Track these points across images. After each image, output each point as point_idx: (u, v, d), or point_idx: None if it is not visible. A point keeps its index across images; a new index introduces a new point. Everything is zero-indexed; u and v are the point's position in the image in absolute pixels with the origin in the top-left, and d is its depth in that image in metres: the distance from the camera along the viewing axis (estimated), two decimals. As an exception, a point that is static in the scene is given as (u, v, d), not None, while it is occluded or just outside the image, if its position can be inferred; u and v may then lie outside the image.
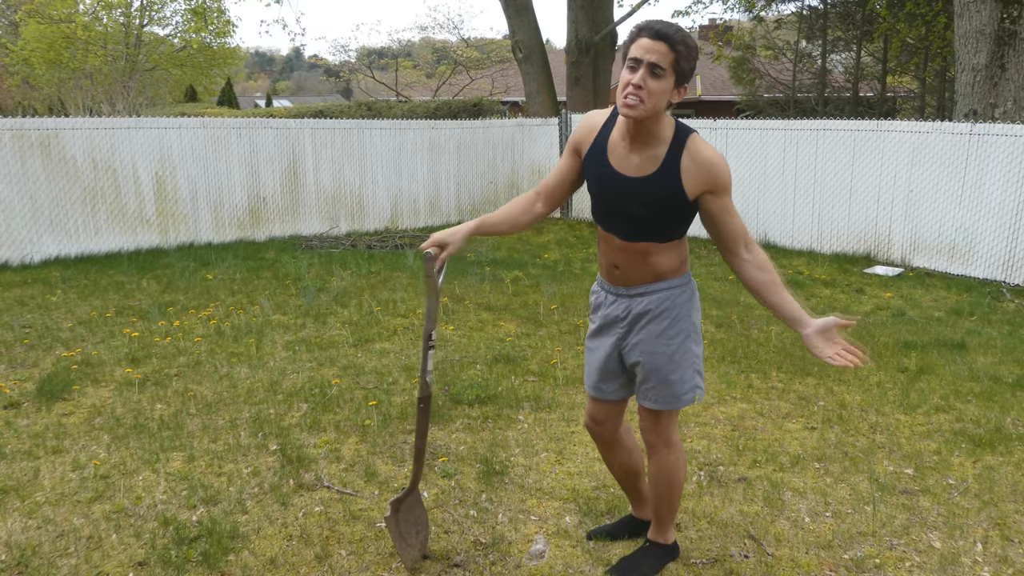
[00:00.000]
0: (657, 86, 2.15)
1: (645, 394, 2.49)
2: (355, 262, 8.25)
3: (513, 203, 2.57)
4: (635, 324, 2.44)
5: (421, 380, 2.54)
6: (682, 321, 2.43)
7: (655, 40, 2.13)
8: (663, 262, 2.38)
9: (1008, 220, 7.56)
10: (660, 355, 2.43)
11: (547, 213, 2.59)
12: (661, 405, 2.47)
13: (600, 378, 2.58)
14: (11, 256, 8.07)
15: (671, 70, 2.14)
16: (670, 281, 2.41)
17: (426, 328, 2.49)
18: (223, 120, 9.68)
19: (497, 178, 11.76)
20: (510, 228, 2.54)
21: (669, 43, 2.12)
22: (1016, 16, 8.17)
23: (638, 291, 2.42)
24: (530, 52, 13.54)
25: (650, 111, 2.18)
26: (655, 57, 2.12)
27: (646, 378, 2.46)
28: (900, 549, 2.85)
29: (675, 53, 2.13)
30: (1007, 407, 4.24)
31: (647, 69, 2.14)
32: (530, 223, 2.58)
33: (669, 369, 2.43)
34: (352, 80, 33.04)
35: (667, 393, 2.46)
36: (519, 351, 5.13)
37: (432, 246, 2.39)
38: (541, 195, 2.56)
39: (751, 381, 4.64)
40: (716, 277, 7.87)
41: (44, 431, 3.85)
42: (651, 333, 2.42)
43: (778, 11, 20.37)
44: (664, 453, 2.54)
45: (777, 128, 9.43)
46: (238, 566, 2.71)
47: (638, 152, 2.28)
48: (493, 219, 2.52)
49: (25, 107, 25.49)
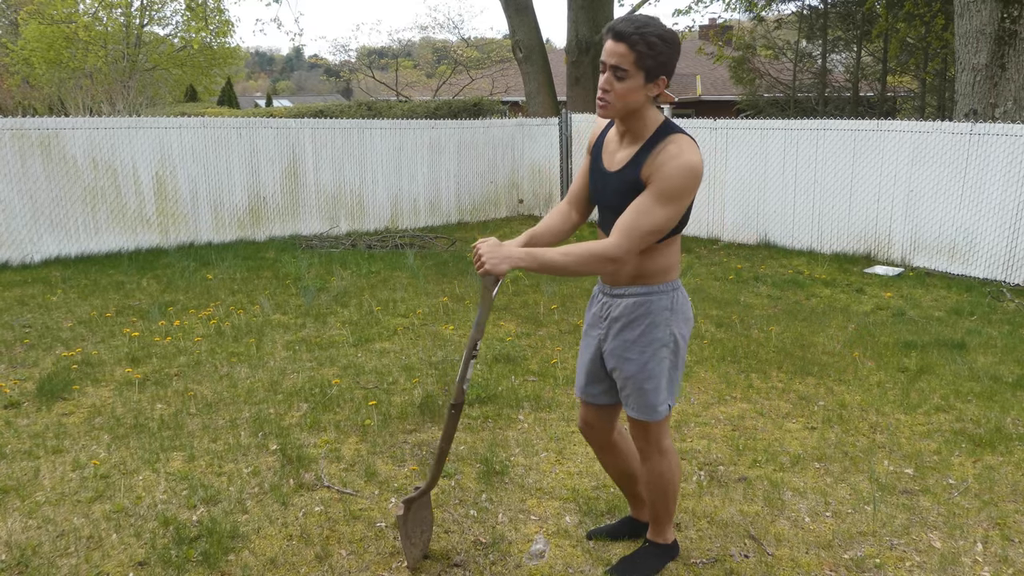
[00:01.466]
0: (622, 87, 2.15)
1: (626, 400, 2.47)
2: (355, 262, 8.25)
3: (551, 215, 2.59)
4: (611, 327, 2.43)
5: (457, 387, 2.50)
6: (658, 330, 2.37)
7: (615, 42, 2.13)
8: (646, 263, 2.34)
9: (1008, 220, 7.56)
10: (632, 362, 2.39)
11: (583, 219, 2.59)
12: (638, 414, 2.44)
13: (586, 380, 2.57)
14: (11, 256, 8.08)
15: (635, 69, 2.13)
16: (650, 287, 2.36)
17: (472, 337, 2.44)
18: (223, 120, 9.68)
19: (497, 178, 11.76)
20: (553, 238, 2.55)
21: (627, 43, 2.11)
22: (1016, 16, 8.16)
23: (619, 292, 2.41)
24: (530, 52, 13.55)
25: (622, 110, 2.20)
26: (615, 59, 2.14)
27: (623, 385, 2.45)
28: (900, 549, 2.85)
29: (635, 52, 2.11)
30: (1007, 407, 4.24)
31: (610, 72, 2.16)
32: (570, 231, 2.58)
33: (642, 378, 2.39)
34: (352, 80, 33.04)
35: (642, 403, 2.42)
36: (519, 351, 5.13)
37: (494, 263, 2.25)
38: (571, 203, 2.57)
39: (751, 381, 4.64)
40: (716, 277, 7.87)
41: (44, 431, 3.85)
42: (624, 339, 2.40)
43: (778, 11, 20.38)
44: (656, 459, 2.53)
45: (777, 128, 9.43)
46: (238, 566, 2.72)
47: (623, 148, 2.31)
48: (538, 230, 2.53)
49: (25, 107, 25.48)
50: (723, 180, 9.86)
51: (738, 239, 9.86)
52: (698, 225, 10.10)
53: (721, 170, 9.83)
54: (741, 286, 7.45)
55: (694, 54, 19.75)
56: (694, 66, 24.84)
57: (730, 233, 9.95)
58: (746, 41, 20.44)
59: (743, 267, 8.38)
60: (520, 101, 18.35)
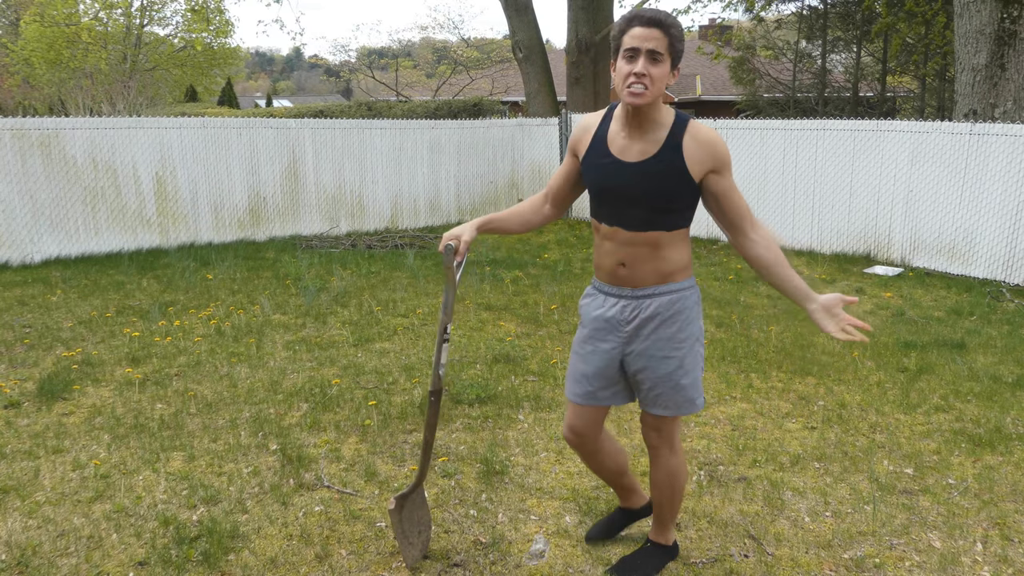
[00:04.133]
0: (658, 71, 2.19)
1: (654, 401, 2.44)
2: (355, 262, 8.25)
3: (523, 203, 2.63)
4: (642, 328, 2.38)
5: (434, 373, 2.53)
6: (692, 325, 2.40)
7: (649, 27, 2.17)
8: (671, 258, 2.35)
9: (1008, 220, 7.56)
10: (671, 360, 2.38)
11: (557, 215, 2.62)
12: (672, 411, 2.43)
13: (600, 385, 2.50)
14: (11, 256, 8.08)
15: (667, 54, 2.19)
16: (680, 283, 2.38)
17: (442, 320, 2.49)
18: (223, 120, 9.68)
19: (497, 178, 11.76)
20: (520, 226, 2.59)
21: (663, 28, 2.17)
22: (1016, 16, 8.17)
23: (645, 292, 2.37)
24: (530, 52, 13.54)
25: (656, 95, 2.23)
26: (653, 44, 2.17)
27: (654, 385, 2.41)
28: (900, 549, 2.86)
29: (669, 37, 2.18)
30: (1007, 407, 4.24)
31: (647, 56, 2.18)
32: (540, 223, 2.62)
33: (680, 374, 2.39)
34: (352, 80, 33.06)
35: (679, 399, 2.42)
36: (519, 351, 5.14)
37: (450, 240, 2.45)
38: (548, 197, 2.60)
39: (751, 381, 4.64)
40: (716, 277, 7.87)
41: (44, 431, 3.86)
42: (661, 337, 2.38)
43: (778, 11, 20.38)
44: (668, 456, 2.53)
45: (777, 128, 9.43)
46: (238, 566, 2.72)
47: (639, 139, 2.30)
48: (503, 215, 2.58)
49: (25, 107, 25.51)
50: (723, 180, 9.84)
51: (738, 239, 9.85)
52: (698, 225, 9.99)
53: (721, 170, 9.82)
54: (741, 286, 7.46)
55: (694, 54, 19.75)
56: (694, 66, 24.85)
57: (730, 233, 9.94)
58: (746, 41, 20.46)
59: (743, 267, 8.38)
60: (520, 101, 18.36)
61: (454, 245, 2.43)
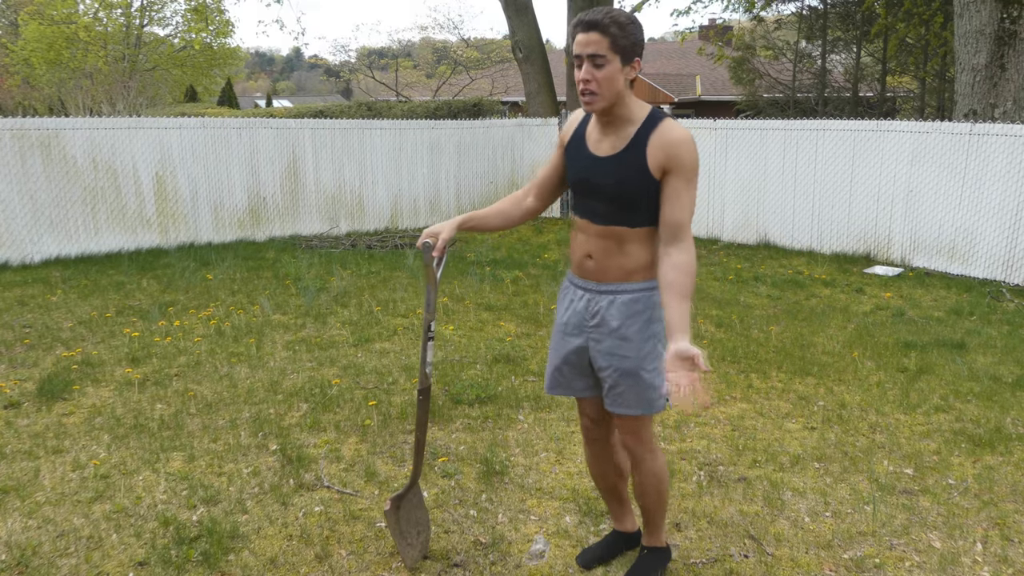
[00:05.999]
0: (603, 74, 2.20)
1: (615, 399, 2.43)
2: (355, 262, 8.25)
3: (505, 199, 2.63)
4: (602, 327, 2.40)
5: (421, 372, 2.54)
6: (654, 324, 2.39)
7: (587, 32, 2.18)
8: (636, 255, 2.35)
9: (1008, 220, 7.57)
10: (632, 358, 2.38)
11: (539, 208, 2.62)
12: (634, 410, 2.42)
13: (572, 374, 2.52)
14: (11, 256, 8.08)
15: (611, 54, 2.19)
16: (643, 283, 2.38)
17: (425, 319, 2.50)
18: (223, 120, 9.69)
19: (497, 178, 11.76)
20: (500, 222, 2.58)
21: (599, 29, 2.17)
22: (1016, 16, 8.17)
23: (608, 288, 2.39)
24: (530, 52, 13.54)
25: (609, 98, 2.24)
26: (592, 48, 2.18)
27: (615, 383, 2.41)
28: (900, 549, 2.86)
29: (610, 36, 2.17)
30: (1007, 407, 4.24)
31: (589, 62, 2.20)
32: (522, 218, 2.61)
33: (641, 373, 2.39)
34: (352, 80, 33.05)
35: (641, 397, 2.40)
36: (519, 351, 5.14)
37: (428, 237, 2.45)
38: (532, 190, 2.61)
39: (751, 381, 4.64)
40: (716, 277, 7.87)
41: (44, 431, 3.85)
42: (622, 336, 2.38)
43: (778, 11, 20.38)
44: (649, 460, 2.53)
45: (777, 128, 9.44)
46: (238, 566, 2.72)
47: (611, 135, 2.33)
48: (483, 212, 2.58)
49: (25, 107, 25.51)
50: (723, 180, 9.86)
51: (738, 239, 9.87)
52: (698, 225, 10.10)
53: (721, 170, 9.84)
54: (741, 286, 7.46)
55: (694, 54, 19.75)
56: (694, 66, 24.86)
57: (730, 233, 9.96)
58: (746, 41, 20.45)
59: (743, 267, 8.38)
60: (520, 101, 18.36)
61: (432, 243, 2.43)
